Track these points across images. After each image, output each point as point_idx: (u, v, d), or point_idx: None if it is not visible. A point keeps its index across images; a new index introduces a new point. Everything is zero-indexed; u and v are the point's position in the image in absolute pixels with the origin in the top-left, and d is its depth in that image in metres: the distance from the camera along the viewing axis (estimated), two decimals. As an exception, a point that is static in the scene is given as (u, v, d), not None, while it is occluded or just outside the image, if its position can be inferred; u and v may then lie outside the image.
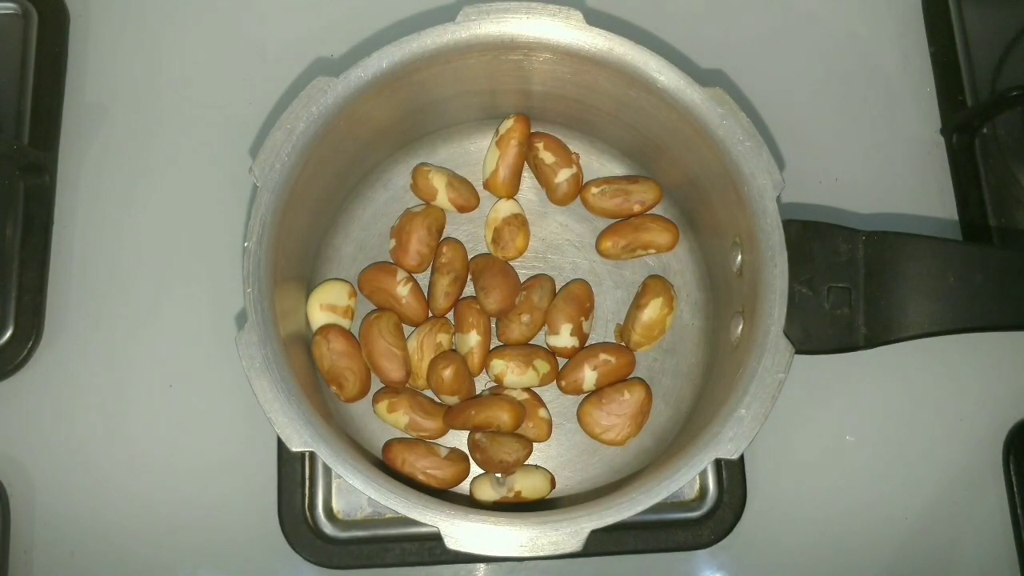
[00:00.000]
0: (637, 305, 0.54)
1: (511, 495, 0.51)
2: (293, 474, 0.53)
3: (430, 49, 0.47)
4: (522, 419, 0.52)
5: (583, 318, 0.54)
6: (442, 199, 0.55)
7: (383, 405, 0.52)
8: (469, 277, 0.55)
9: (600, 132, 0.56)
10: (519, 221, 0.55)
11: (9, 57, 0.59)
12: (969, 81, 0.61)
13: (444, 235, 0.56)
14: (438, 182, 0.55)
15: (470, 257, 0.55)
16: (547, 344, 0.54)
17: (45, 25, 0.60)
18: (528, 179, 0.57)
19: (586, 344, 0.55)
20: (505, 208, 0.55)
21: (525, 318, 0.53)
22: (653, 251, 0.55)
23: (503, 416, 0.51)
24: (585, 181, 0.56)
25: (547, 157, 0.55)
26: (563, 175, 0.55)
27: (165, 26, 0.62)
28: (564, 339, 0.53)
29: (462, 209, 0.55)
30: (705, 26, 0.62)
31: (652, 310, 0.53)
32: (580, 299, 0.54)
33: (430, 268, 0.55)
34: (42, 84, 0.59)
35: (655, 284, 0.54)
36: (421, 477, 0.51)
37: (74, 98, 0.60)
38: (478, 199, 0.56)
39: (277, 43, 0.62)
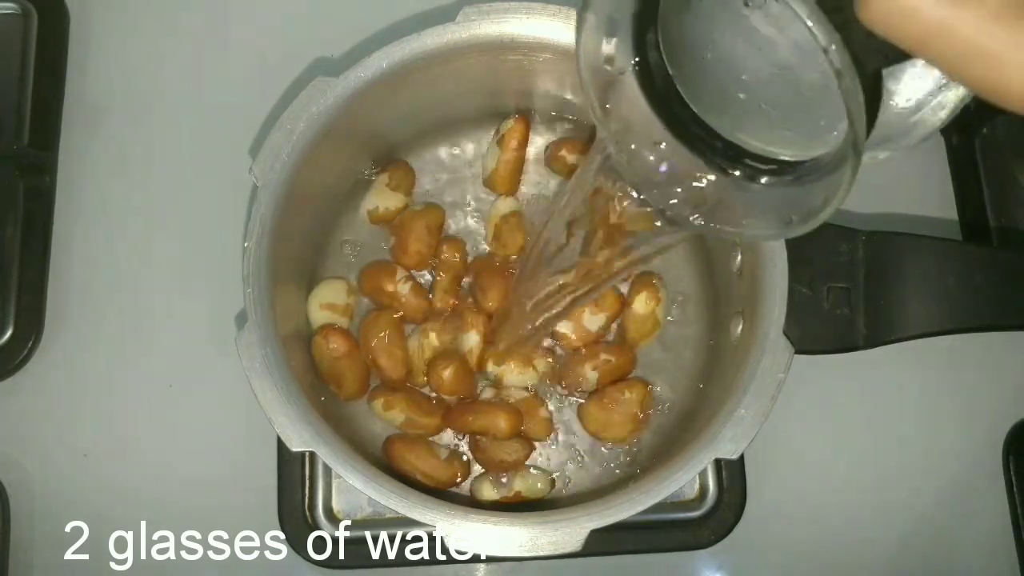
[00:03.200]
0: (626, 303, 0.54)
1: (511, 495, 0.51)
2: (293, 474, 0.53)
3: (430, 49, 0.47)
4: (520, 426, 0.52)
5: (586, 309, 0.53)
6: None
7: (379, 403, 0.52)
8: (469, 276, 0.55)
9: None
10: (517, 219, 0.55)
11: (9, 57, 0.59)
12: (969, 81, 0.60)
13: (444, 233, 0.56)
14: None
15: (470, 256, 0.55)
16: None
17: (45, 25, 0.60)
18: (530, 177, 0.57)
19: (595, 339, 0.54)
20: (504, 206, 0.55)
21: None
22: None
23: (500, 423, 0.51)
24: None
25: (574, 160, 0.55)
26: None
27: (165, 26, 0.62)
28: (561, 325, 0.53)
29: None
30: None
31: (639, 304, 0.53)
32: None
33: (429, 266, 0.55)
34: (42, 84, 0.59)
35: (639, 279, 0.54)
36: (420, 478, 0.51)
37: (74, 98, 0.60)
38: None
39: (277, 43, 0.62)
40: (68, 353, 0.57)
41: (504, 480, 0.52)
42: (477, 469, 0.53)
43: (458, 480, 0.52)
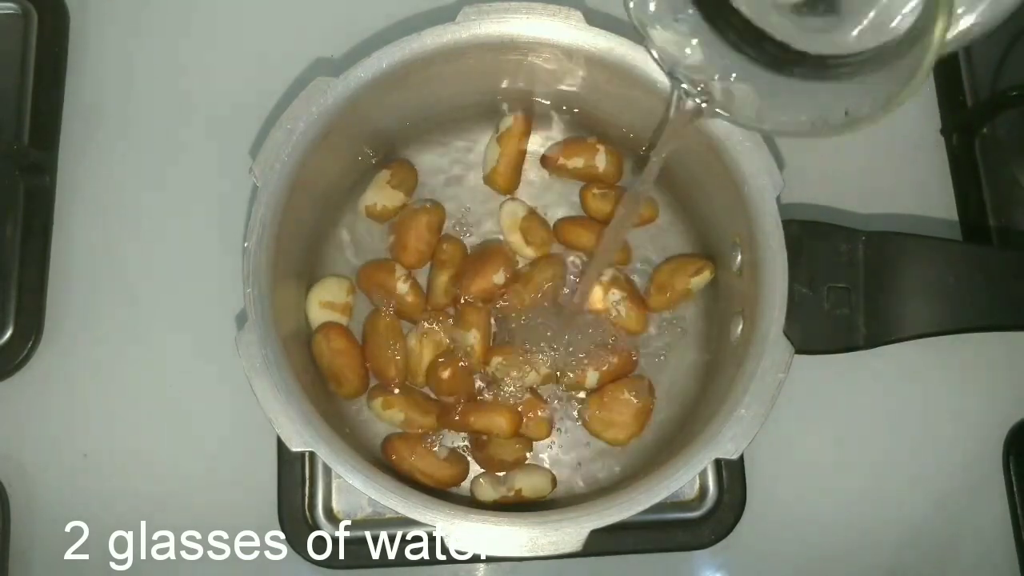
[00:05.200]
0: (686, 271, 0.54)
1: (511, 495, 0.51)
2: (293, 474, 0.53)
3: (430, 49, 0.47)
4: (520, 425, 0.52)
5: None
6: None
7: (378, 402, 0.52)
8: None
9: (600, 132, 0.56)
10: (537, 218, 0.55)
11: (9, 57, 0.59)
12: (969, 81, 0.61)
13: (443, 231, 0.56)
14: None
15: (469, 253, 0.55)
16: None
17: (45, 25, 0.60)
18: (529, 175, 0.57)
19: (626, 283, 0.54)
20: (519, 209, 0.55)
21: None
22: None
23: (501, 424, 0.51)
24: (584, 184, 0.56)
25: (575, 162, 0.55)
26: (601, 160, 0.55)
27: (165, 26, 0.62)
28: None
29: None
30: (705, 26, 0.62)
31: (698, 280, 0.53)
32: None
33: (429, 265, 0.55)
34: (42, 84, 0.59)
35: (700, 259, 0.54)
36: (419, 477, 0.51)
37: (74, 98, 0.60)
38: None
39: (277, 43, 0.62)
40: (68, 353, 0.57)
41: (504, 480, 0.52)
42: (477, 469, 0.53)
43: (459, 480, 0.52)
